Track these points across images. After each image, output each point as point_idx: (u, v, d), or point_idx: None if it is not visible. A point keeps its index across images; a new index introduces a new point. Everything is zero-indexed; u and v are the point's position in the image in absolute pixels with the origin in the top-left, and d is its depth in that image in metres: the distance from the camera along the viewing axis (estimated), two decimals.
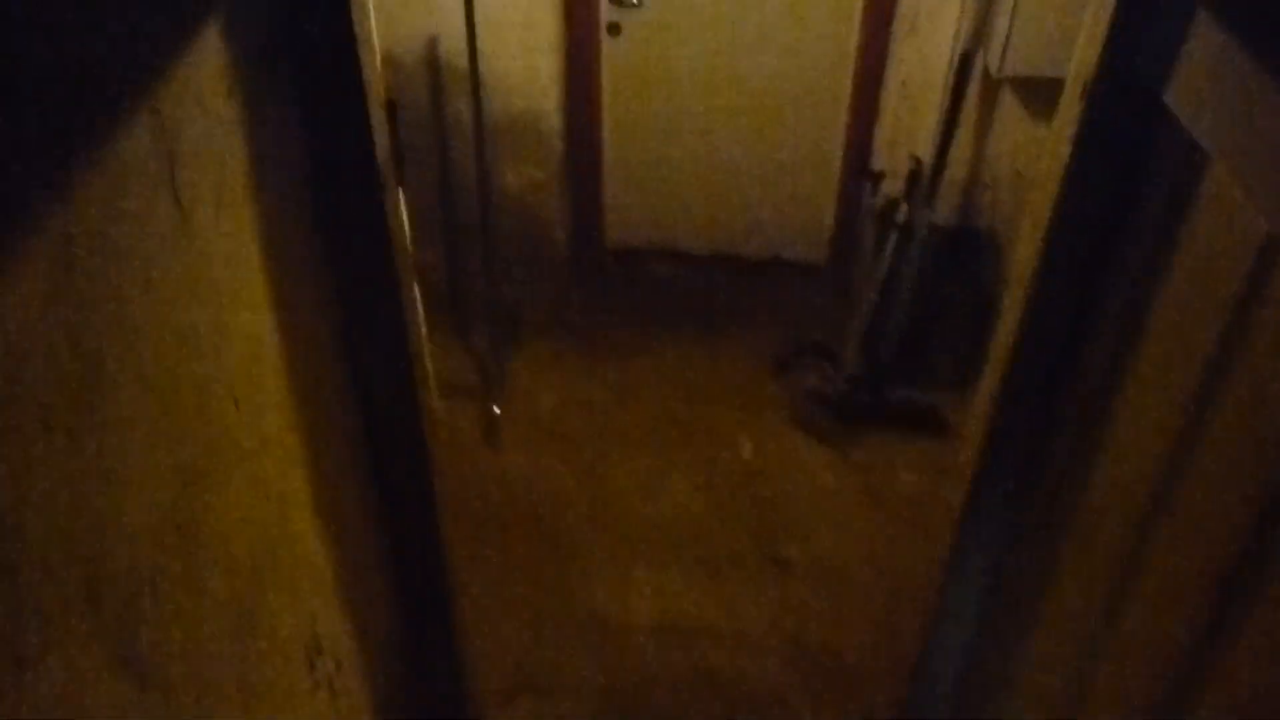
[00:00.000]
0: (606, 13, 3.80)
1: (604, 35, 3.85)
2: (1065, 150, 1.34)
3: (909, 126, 3.59)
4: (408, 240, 1.58)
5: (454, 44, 3.41)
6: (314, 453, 1.39)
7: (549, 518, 3.28)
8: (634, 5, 3.76)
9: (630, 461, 3.50)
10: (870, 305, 3.67)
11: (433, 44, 3.48)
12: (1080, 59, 1.35)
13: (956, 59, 3.34)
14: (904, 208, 3.60)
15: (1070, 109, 1.36)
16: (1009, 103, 3.46)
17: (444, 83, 3.55)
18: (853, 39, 3.75)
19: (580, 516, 3.29)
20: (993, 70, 3.25)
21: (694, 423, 3.68)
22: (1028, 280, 1.45)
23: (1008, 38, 3.13)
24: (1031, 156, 3.55)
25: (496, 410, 3.60)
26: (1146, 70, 1.22)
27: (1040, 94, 3.42)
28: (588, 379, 3.86)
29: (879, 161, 3.76)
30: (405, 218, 1.57)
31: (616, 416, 3.70)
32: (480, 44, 3.34)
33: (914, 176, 3.60)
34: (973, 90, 3.41)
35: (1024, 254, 1.52)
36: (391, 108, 1.44)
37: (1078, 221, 1.38)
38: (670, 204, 4.25)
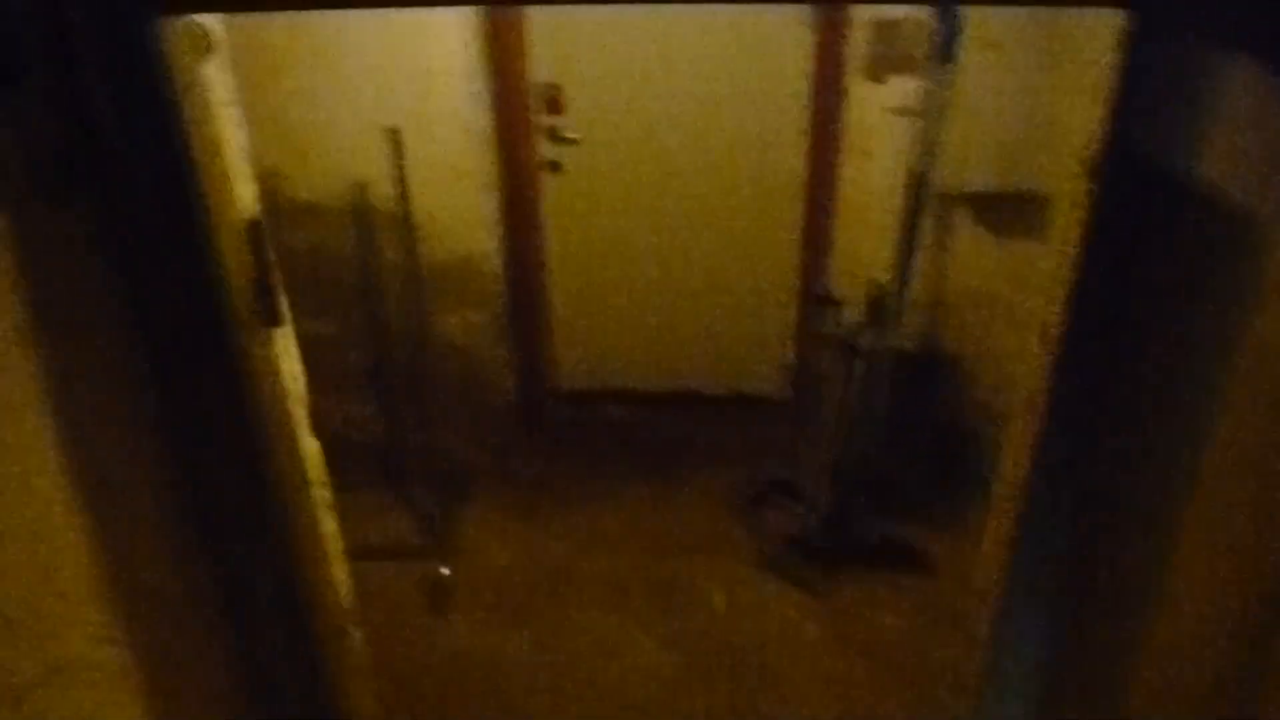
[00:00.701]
0: (546, 150, 3.67)
1: (544, 173, 3.71)
2: (1071, 243, 1.15)
3: (865, 250, 3.45)
4: (295, 388, 1.33)
5: (383, 188, 3.25)
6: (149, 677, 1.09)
7: (504, 690, 2.97)
8: (573, 141, 3.63)
9: (591, 621, 3.21)
10: (836, 438, 3.46)
11: (361, 189, 3.31)
12: (1078, 135, 1.17)
13: (910, 179, 3.22)
14: (866, 334, 3.43)
15: (1073, 195, 1.17)
16: (965, 220, 3.34)
17: (374, 228, 3.37)
18: (801, 164, 3.64)
19: (539, 687, 2.98)
20: (947, 188, 3.14)
21: (658, 574, 3.41)
22: (1036, 406, 1.25)
23: (960, 154, 3.03)
24: (991, 273, 3.42)
25: (444, 571, 3.31)
26: (1160, 141, 1.04)
27: (997, 209, 3.32)
28: (542, 533, 3.58)
29: (836, 288, 3.61)
30: (293, 363, 1.33)
31: (574, 572, 3.42)
32: (411, 187, 3.18)
33: (874, 301, 3.44)
34: (928, 210, 3.30)
35: (1027, 375, 1.32)
36: (255, 231, 1.21)
37: (1091, 327, 1.18)
38: (620, 342, 4.07)
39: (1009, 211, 3.31)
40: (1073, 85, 2.88)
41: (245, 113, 2.97)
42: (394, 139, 3.04)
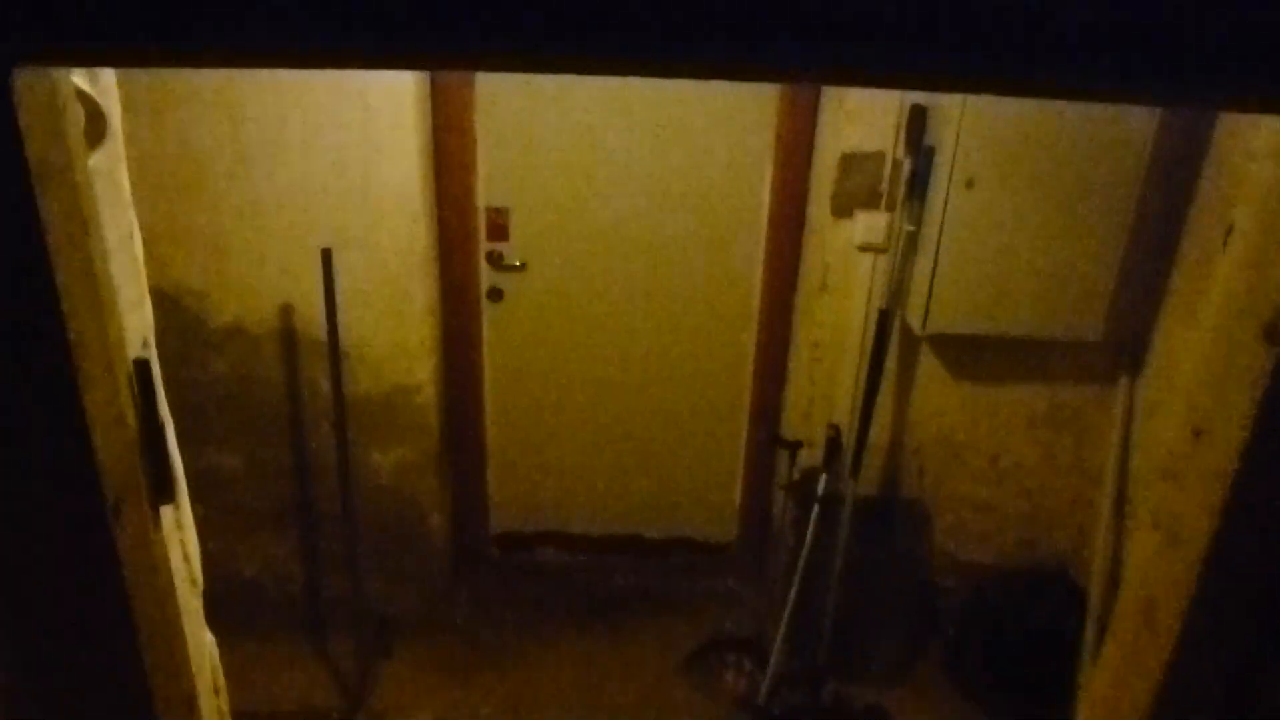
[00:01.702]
0: (486, 277, 3.46)
1: (484, 301, 3.50)
2: (1237, 426, 0.93)
3: (823, 390, 3.27)
4: (189, 570, 1.05)
5: (311, 312, 3.00)
6: None
7: None
8: (516, 268, 3.44)
9: None
10: (793, 590, 3.22)
11: (287, 312, 3.06)
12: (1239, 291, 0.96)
13: (874, 317, 3.07)
14: (823, 479, 3.23)
15: (1246, 361, 0.94)
16: (931, 363, 3.19)
17: (301, 354, 3.11)
18: (756, 298, 3.48)
19: None
20: (915, 328, 2.98)
21: None
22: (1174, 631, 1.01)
23: (929, 293, 2.88)
24: (956, 418, 3.26)
25: None
26: None
27: (965, 352, 3.17)
28: (472, 690, 3.25)
29: (790, 429, 3.42)
30: (187, 540, 1.06)
31: None
32: (343, 312, 2.94)
33: (833, 444, 3.25)
34: (892, 350, 3.14)
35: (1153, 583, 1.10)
36: (144, 375, 0.94)
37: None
38: (561, 482, 3.80)
39: (977, 355, 3.16)
40: (1082, 229, 2.78)
41: (160, 225, 2.72)
42: (326, 260, 2.81)
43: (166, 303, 3.05)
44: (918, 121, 2.87)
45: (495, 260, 3.43)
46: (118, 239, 0.89)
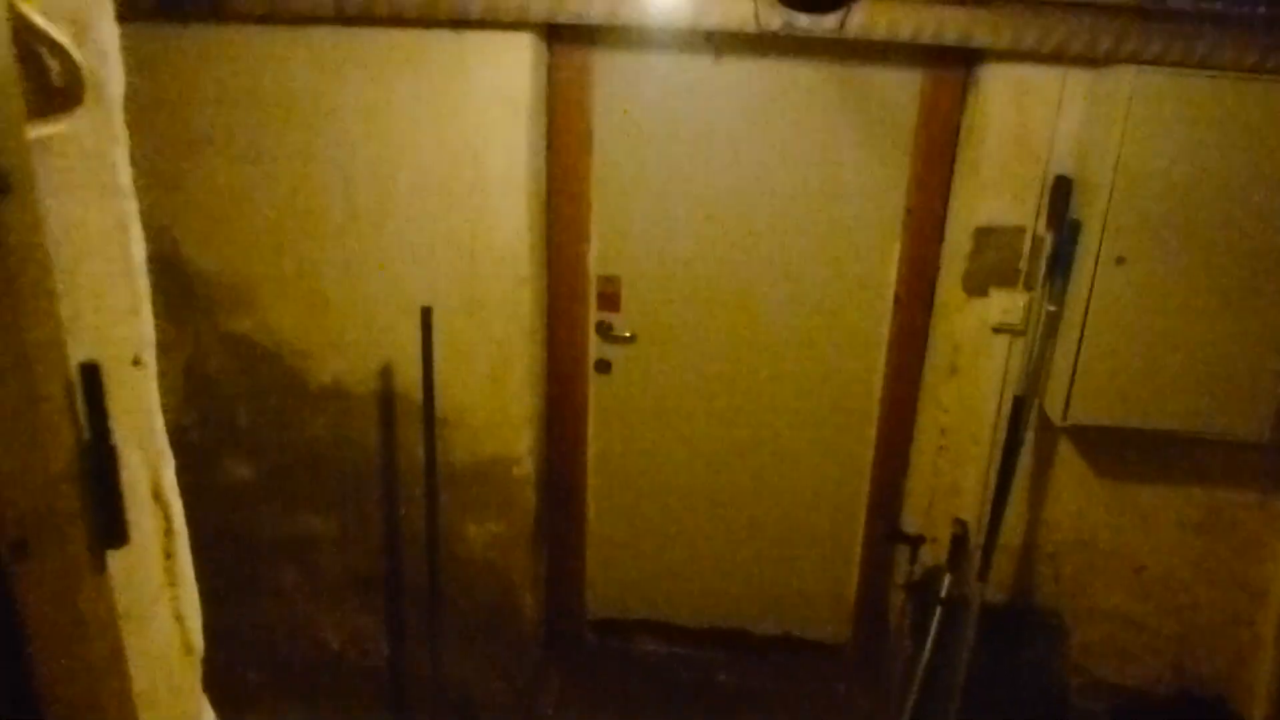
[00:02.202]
0: (595, 348, 3.33)
1: (591, 373, 3.36)
2: None
3: (949, 481, 3.01)
4: (181, 644, 0.87)
5: (411, 375, 2.90)
6: None
7: None
8: (626, 340, 3.29)
9: None
10: (911, 699, 2.93)
11: (386, 374, 2.97)
12: None
13: (1007, 405, 2.82)
14: (947, 579, 2.96)
15: None
16: (1070, 457, 2.92)
17: (397, 418, 3.01)
18: (878, 380, 3.25)
19: None
20: (1054, 418, 2.72)
21: None
22: None
23: (1071, 380, 2.63)
24: (1097, 519, 2.96)
25: None
26: None
27: (1110, 447, 2.89)
28: None
29: (912, 523, 3.16)
30: (186, 603, 0.89)
31: None
32: (440, 376, 2.83)
33: (959, 542, 2.99)
34: (1027, 441, 2.88)
35: None
36: (91, 380, 0.76)
37: None
38: (663, 569, 3.60)
39: (1123, 450, 2.87)
40: (1248, 313, 2.50)
41: (268, 278, 2.65)
42: (425, 319, 2.71)
43: (269, 359, 2.99)
44: (1062, 193, 2.65)
45: (605, 331, 3.30)
46: (101, 230, 0.75)
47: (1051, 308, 2.67)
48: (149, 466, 0.85)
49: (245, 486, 3.13)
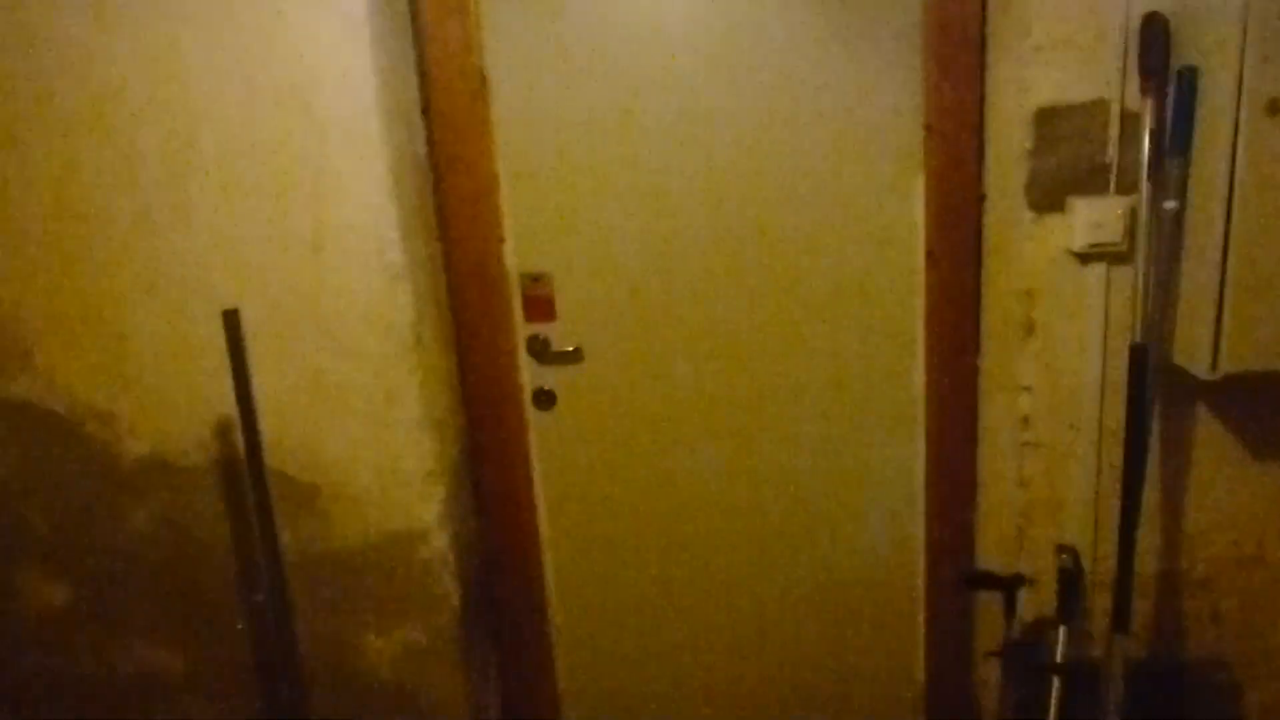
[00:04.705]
0: (530, 373, 2.44)
1: (529, 407, 2.46)
2: None
3: (1042, 493, 2.08)
4: None
5: (259, 426, 2.01)
6: None
7: None
8: (569, 358, 2.41)
9: None
10: None
11: (225, 432, 2.09)
12: None
13: (1120, 363, 1.92)
14: (1061, 634, 2.02)
15: None
16: (1217, 430, 1.99)
17: (248, 493, 2.12)
18: (916, 369, 2.34)
19: None
20: (1198, 371, 1.81)
21: None
22: None
23: (1219, 308, 1.73)
24: (1269, 529, 2.03)
25: None
26: None
27: (1271, 406, 1.97)
28: None
29: (995, 560, 2.23)
30: None
31: None
32: (297, 422, 1.97)
33: (1069, 580, 2.05)
34: (1154, 416, 1.97)
35: None
36: None
37: None
38: (660, 669, 2.64)
39: None
40: None
41: (38, 312, 1.77)
42: (231, 328, 1.83)
43: (63, 431, 2.12)
44: (1157, 35, 1.78)
45: (540, 349, 2.41)
46: None
47: (1171, 204, 1.77)
48: None
49: (52, 612, 2.23)
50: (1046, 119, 1.87)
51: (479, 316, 2.35)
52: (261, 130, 1.94)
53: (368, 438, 2.09)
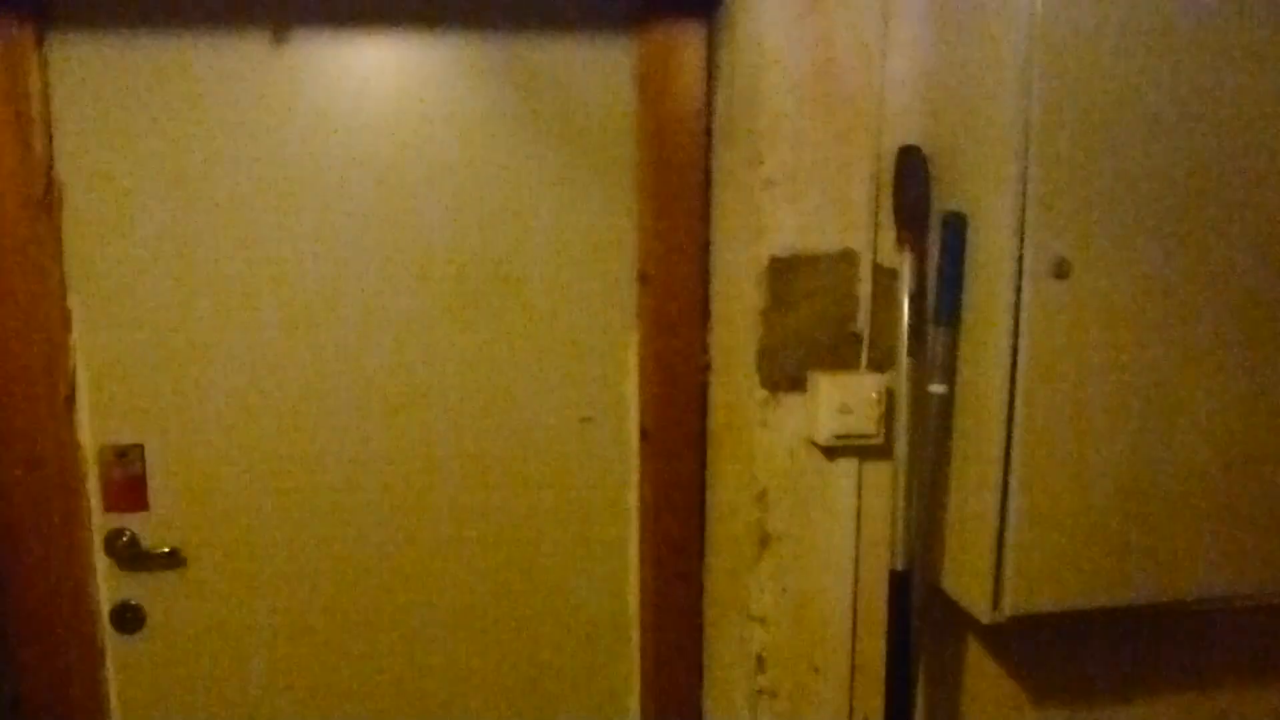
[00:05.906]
0: (109, 583, 1.76)
1: (108, 631, 1.78)
2: None
3: None
4: None
5: None
6: None
7: None
8: (163, 560, 1.76)
9: None
10: None
11: None
12: None
13: (879, 592, 1.47)
14: None
15: None
16: (1009, 687, 1.56)
17: None
18: (630, 592, 1.83)
19: None
20: (974, 609, 1.37)
21: None
22: None
23: (1001, 526, 1.30)
24: None
25: None
26: None
27: (1092, 650, 1.57)
28: None
29: None
30: None
31: None
32: None
33: None
34: (922, 664, 1.52)
35: None
36: None
37: None
38: None
39: (1113, 647, 1.56)
40: None
41: None
42: None
43: None
44: (914, 175, 1.39)
45: (123, 549, 1.75)
46: None
47: (938, 388, 1.36)
48: None
49: None
50: (783, 272, 1.44)
51: (29, 507, 1.67)
52: None
53: None
